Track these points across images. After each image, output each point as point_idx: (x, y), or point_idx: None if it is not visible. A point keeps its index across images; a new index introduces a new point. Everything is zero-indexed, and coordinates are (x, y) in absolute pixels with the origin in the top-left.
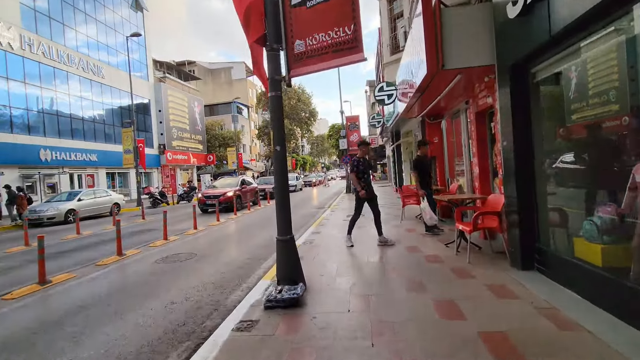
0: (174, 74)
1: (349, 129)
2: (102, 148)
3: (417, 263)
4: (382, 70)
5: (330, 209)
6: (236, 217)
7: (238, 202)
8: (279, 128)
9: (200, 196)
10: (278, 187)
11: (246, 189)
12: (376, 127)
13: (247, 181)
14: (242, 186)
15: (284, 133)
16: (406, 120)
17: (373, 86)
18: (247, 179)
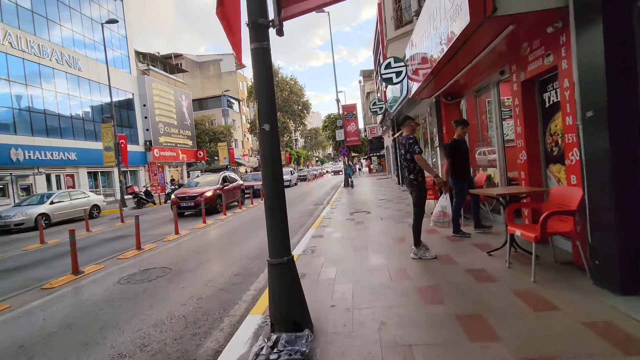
0: (158, 66)
1: (345, 118)
2: (81, 146)
3: (463, 283)
4: (383, 49)
5: (330, 206)
6: (225, 217)
7: (220, 203)
8: (268, 98)
9: (173, 197)
10: (268, 184)
11: (229, 187)
12: (378, 113)
13: (230, 177)
14: (223, 184)
15: (275, 106)
16: (414, 104)
17: (368, 76)
18: (231, 175)
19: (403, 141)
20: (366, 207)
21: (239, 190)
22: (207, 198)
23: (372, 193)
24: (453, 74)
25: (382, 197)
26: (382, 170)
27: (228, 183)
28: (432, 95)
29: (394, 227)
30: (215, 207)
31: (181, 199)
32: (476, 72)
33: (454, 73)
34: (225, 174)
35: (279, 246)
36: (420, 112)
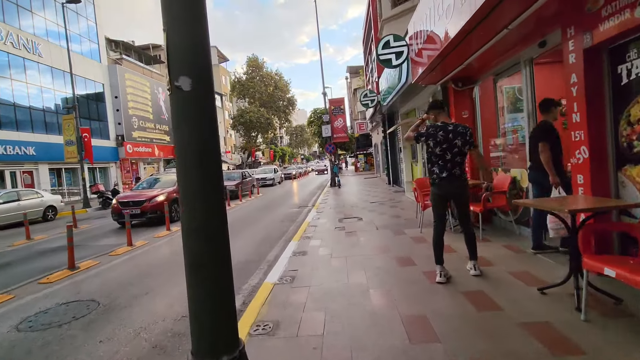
0: (133, 56)
1: (333, 113)
2: (42, 140)
3: (527, 354)
4: (376, 33)
5: (315, 209)
6: None
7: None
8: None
9: (114, 202)
10: (190, 204)
11: None
12: (369, 107)
13: None
14: None
15: (209, 49)
16: (411, 95)
17: (354, 72)
18: None
19: (460, 129)
20: (357, 211)
21: None
22: (157, 204)
23: (361, 194)
24: (470, 52)
25: (374, 199)
26: (370, 169)
27: None
28: (438, 82)
29: (395, 241)
30: (170, 214)
31: (123, 204)
32: (501, 48)
33: (472, 51)
34: None
35: (214, 337)
36: (418, 105)
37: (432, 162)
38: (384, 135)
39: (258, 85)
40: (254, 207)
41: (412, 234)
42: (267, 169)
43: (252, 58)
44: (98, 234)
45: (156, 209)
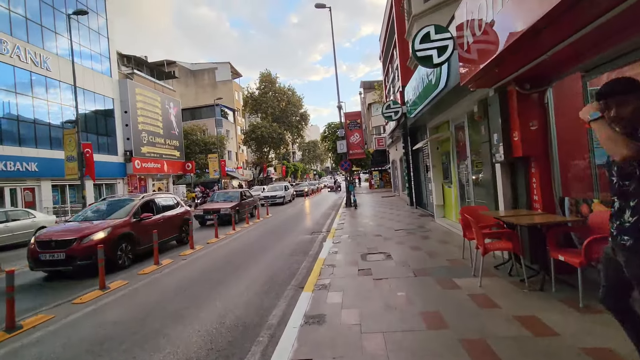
0: (145, 71)
1: (348, 128)
2: (45, 155)
3: None
4: (402, 35)
5: (331, 237)
6: (153, 272)
7: (128, 252)
8: None
9: (31, 243)
10: None
11: (154, 220)
12: (392, 119)
13: (160, 204)
14: (144, 214)
15: None
16: (450, 102)
17: (368, 88)
18: (162, 199)
19: None
20: (381, 243)
21: (179, 221)
22: (86, 248)
23: (382, 218)
24: (559, 39)
25: (399, 226)
26: (385, 186)
27: (152, 213)
28: (495, 84)
29: (447, 302)
30: (116, 261)
31: (42, 245)
32: (610, 30)
33: (559, 39)
34: (150, 199)
35: None
36: (453, 116)
37: None
38: (405, 152)
39: (271, 100)
40: (259, 233)
41: (468, 288)
42: (277, 186)
43: (265, 73)
44: None
45: (87, 254)
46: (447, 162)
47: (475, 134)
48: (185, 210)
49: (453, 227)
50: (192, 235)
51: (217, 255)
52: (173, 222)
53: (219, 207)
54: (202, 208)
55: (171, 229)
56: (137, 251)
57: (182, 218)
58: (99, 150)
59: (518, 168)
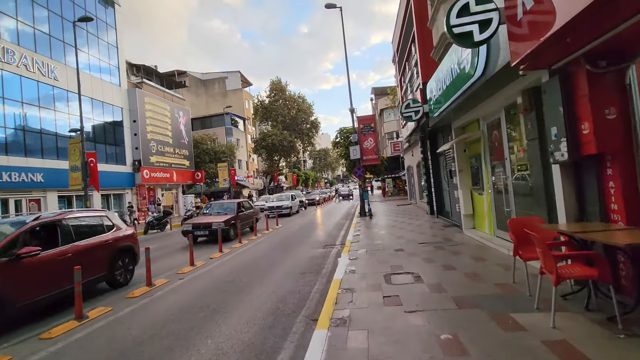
0: (154, 80)
1: (361, 132)
2: (52, 165)
3: None
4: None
5: (346, 252)
6: (192, 273)
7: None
8: None
9: None
10: None
11: (42, 259)
12: (412, 119)
13: (72, 229)
14: (18, 252)
15: None
16: (485, 95)
17: (380, 94)
18: (78, 219)
19: None
20: (405, 259)
21: (107, 252)
22: None
23: (401, 228)
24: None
25: (422, 238)
26: (398, 194)
27: (56, 244)
28: (556, 62)
29: (513, 348)
30: None
31: None
32: None
33: None
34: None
35: None
36: (484, 114)
37: None
38: (423, 157)
39: (281, 108)
40: (268, 246)
41: (537, 330)
42: (283, 195)
43: (276, 81)
44: None
45: None
46: (476, 165)
47: (517, 131)
48: (123, 235)
49: (488, 240)
50: (192, 252)
51: (219, 273)
52: (93, 256)
53: (210, 221)
54: (190, 222)
55: (92, 266)
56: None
57: (114, 248)
58: (107, 160)
59: (586, 169)
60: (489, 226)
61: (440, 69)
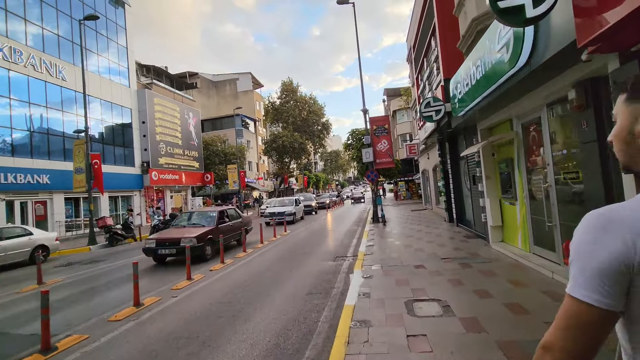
0: (164, 81)
1: (375, 134)
2: (58, 167)
3: None
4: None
5: (359, 267)
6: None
7: None
8: None
9: None
10: None
11: None
12: (432, 119)
13: None
14: None
15: None
16: (522, 90)
17: (392, 95)
18: None
19: None
20: (429, 279)
21: (240, 226)
22: None
23: (418, 239)
24: None
25: (444, 252)
26: (411, 197)
27: (232, 222)
28: (632, 45)
29: None
30: None
31: None
32: None
33: None
34: None
35: None
36: (519, 112)
37: None
38: (441, 160)
39: (292, 109)
40: (273, 257)
41: None
42: (286, 199)
43: (287, 82)
44: None
45: None
46: (507, 171)
47: (563, 132)
48: (245, 220)
49: (523, 257)
50: (189, 264)
51: (217, 290)
52: (235, 228)
53: (178, 236)
54: (154, 238)
55: (236, 231)
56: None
57: (242, 225)
58: (115, 161)
59: None
60: (523, 241)
61: (467, 62)
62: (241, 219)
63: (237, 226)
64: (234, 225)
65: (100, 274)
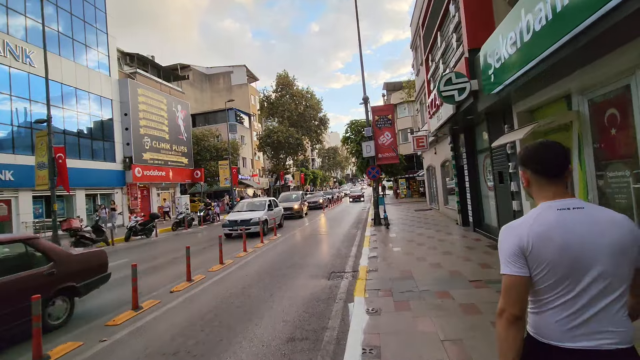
0: (150, 71)
1: (376, 125)
2: (24, 162)
3: None
4: None
5: (359, 291)
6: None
7: None
8: None
9: None
10: None
11: None
12: (455, 100)
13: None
14: None
15: None
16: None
17: (392, 89)
18: None
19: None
20: (462, 319)
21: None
22: None
23: (432, 248)
24: None
25: (472, 272)
26: (412, 196)
27: None
28: None
29: None
30: None
31: None
32: None
33: None
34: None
35: None
36: (588, 83)
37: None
38: (454, 154)
39: (288, 103)
40: (252, 274)
41: None
42: (256, 202)
43: (283, 74)
44: None
45: None
46: None
47: None
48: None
49: None
50: (136, 293)
51: (158, 338)
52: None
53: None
54: None
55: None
56: None
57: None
58: (93, 156)
59: None
60: None
61: (516, 11)
62: None
63: None
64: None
65: None
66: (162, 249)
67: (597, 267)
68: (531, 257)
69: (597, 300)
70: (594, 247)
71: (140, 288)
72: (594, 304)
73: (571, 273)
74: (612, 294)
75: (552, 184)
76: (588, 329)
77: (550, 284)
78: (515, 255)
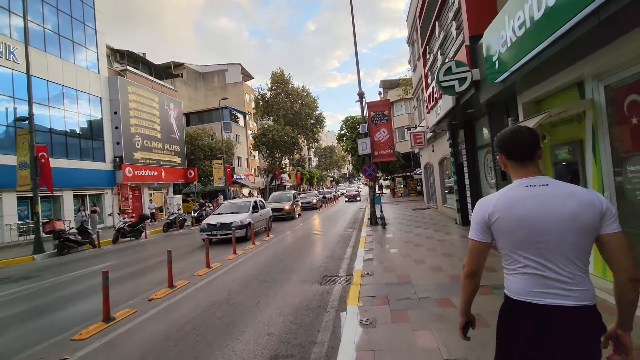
0: (141, 68)
1: (372, 122)
2: (7, 162)
3: None
4: None
5: (353, 299)
6: None
7: None
8: None
9: None
10: None
11: None
12: (455, 91)
13: None
14: None
15: None
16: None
17: (389, 87)
18: None
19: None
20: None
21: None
22: None
23: (432, 249)
24: None
25: None
26: (409, 194)
27: None
28: None
29: None
30: None
31: None
32: None
33: None
34: None
35: None
36: (604, 67)
37: None
38: (453, 150)
39: (283, 102)
40: (239, 279)
41: None
42: (239, 202)
43: (278, 72)
44: None
45: None
46: (568, 160)
47: None
48: None
49: (604, 289)
50: (107, 303)
51: (127, 355)
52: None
53: None
54: None
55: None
56: None
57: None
58: (81, 156)
59: None
60: (597, 264)
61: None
62: None
63: None
64: None
65: (27, 295)
66: (150, 252)
67: (552, 234)
68: (494, 227)
69: (555, 263)
70: (548, 217)
71: (118, 296)
72: (552, 267)
73: (527, 240)
74: (569, 258)
75: (523, 166)
76: (552, 289)
77: (511, 249)
78: (480, 224)
